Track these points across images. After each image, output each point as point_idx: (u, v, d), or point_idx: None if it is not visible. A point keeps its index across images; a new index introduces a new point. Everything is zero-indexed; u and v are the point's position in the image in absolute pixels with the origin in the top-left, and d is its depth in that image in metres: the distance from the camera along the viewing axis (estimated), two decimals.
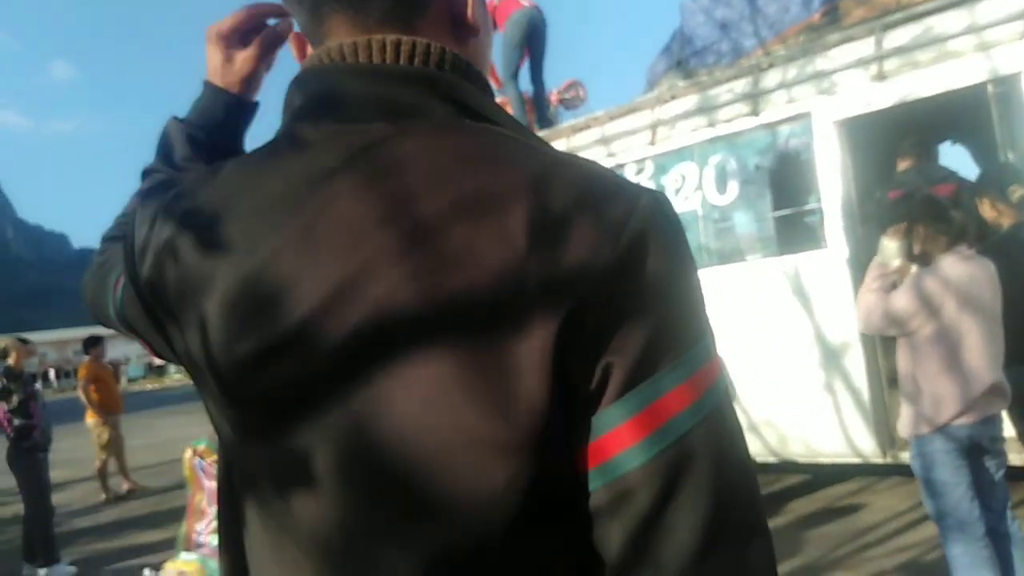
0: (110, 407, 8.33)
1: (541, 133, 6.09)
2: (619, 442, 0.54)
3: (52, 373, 58.57)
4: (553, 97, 7.10)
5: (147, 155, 0.92)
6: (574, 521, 0.55)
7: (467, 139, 0.60)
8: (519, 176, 0.57)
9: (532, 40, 6.30)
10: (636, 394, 0.53)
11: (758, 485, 0.58)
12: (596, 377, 0.53)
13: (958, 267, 2.91)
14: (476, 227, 0.55)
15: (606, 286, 0.53)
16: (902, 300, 2.92)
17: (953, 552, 2.93)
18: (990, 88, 3.92)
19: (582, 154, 5.49)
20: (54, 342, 63.02)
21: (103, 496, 8.32)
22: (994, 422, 2.94)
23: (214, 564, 3.91)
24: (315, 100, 0.64)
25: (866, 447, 4.36)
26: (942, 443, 2.88)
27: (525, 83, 6.52)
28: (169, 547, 4.70)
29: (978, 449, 2.91)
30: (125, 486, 8.57)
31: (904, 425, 3.01)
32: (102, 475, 8.37)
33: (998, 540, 2.91)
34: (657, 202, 0.58)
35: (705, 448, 0.54)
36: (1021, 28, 3.78)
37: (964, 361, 2.86)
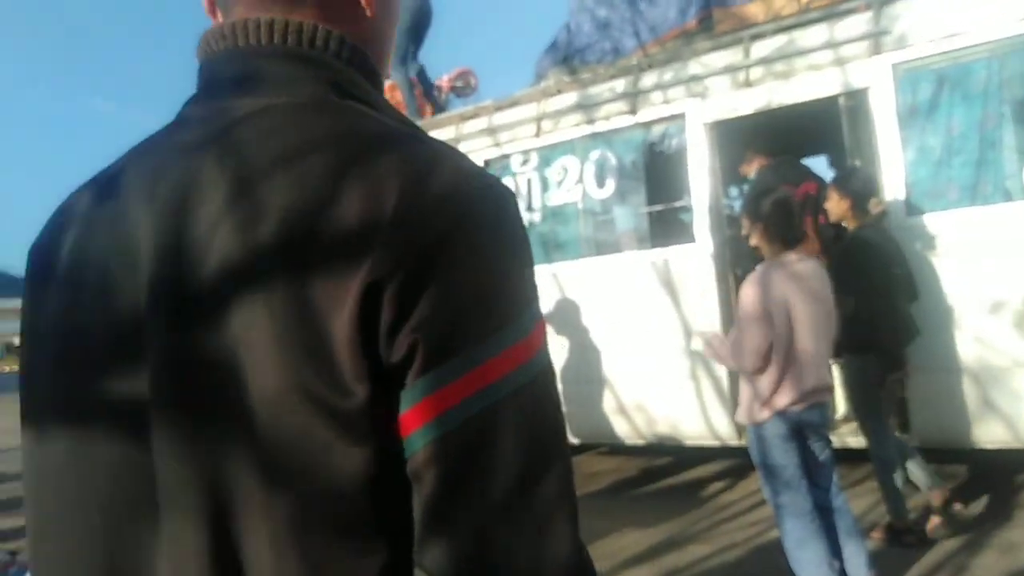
0: None
1: (430, 120, 6.12)
2: (412, 421, 0.55)
3: None
4: (444, 84, 7.13)
5: None
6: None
7: (322, 115, 0.63)
8: (352, 142, 0.59)
9: (420, 26, 6.37)
10: (430, 377, 0.54)
11: (558, 466, 0.58)
12: (402, 351, 0.54)
13: (800, 264, 3.18)
14: (291, 181, 0.57)
15: (409, 257, 0.54)
16: (750, 293, 3.16)
17: (786, 527, 3.21)
18: (842, 100, 4.27)
19: (469, 143, 5.56)
20: None
21: None
22: (823, 409, 3.25)
23: None
24: (201, 83, 0.69)
25: (724, 431, 4.67)
26: (777, 428, 3.16)
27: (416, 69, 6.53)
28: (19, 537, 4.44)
29: (808, 433, 3.21)
30: None
31: (742, 412, 3.26)
32: None
33: (826, 514, 3.21)
34: (485, 187, 0.59)
35: (491, 434, 0.55)
36: (871, 46, 4.14)
37: (801, 353, 3.14)
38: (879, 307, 3.62)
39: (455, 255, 0.55)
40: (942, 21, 4.01)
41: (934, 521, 3.72)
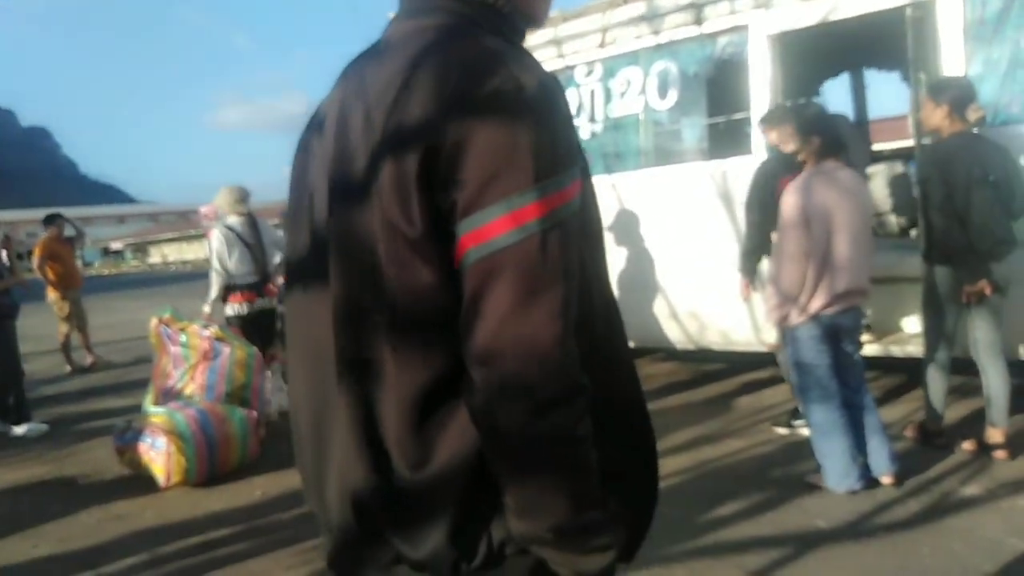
0: (69, 283, 8.46)
1: None
2: (461, 247, 0.81)
3: (3, 255, 57.24)
4: None
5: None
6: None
7: (440, 32, 0.90)
8: (443, 45, 0.87)
9: None
10: (470, 219, 0.80)
11: (554, 299, 0.80)
12: (452, 201, 0.81)
13: (841, 172, 3.31)
14: (398, 72, 0.86)
15: (454, 135, 0.79)
16: (790, 201, 3.31)
17: (814, 419, 3.45)
18: (909, 11, 4.21)
19: (535, 54, 5.70)
20: (6, 222, 61.43)
21: (67, 368, 8.64)
22: (855, 313, 3.41)
23: (180, 416, 4.30)
24: (399, 7, 1.01)
25: (772, 338, 4.87)
26: (811, 331, 3.36)
27: None
28: (132, 412, 5.08)
29: (840, 335, 3.40)
30: (89, 359, 8.89)
31: (774, 313, 3.45)
32: (65, 348, 8.66)
33: (853, 412, 3.44)
34: (526, 83, 0.81)
35: (507, 261, 0.79)
36: None
37: (838, 258, 3.30)
38: (963, 217, 3.51)
39: (489, 133, 0.79)
40: None
41: (999, 455, 3.68)
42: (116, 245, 71.25)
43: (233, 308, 5.50)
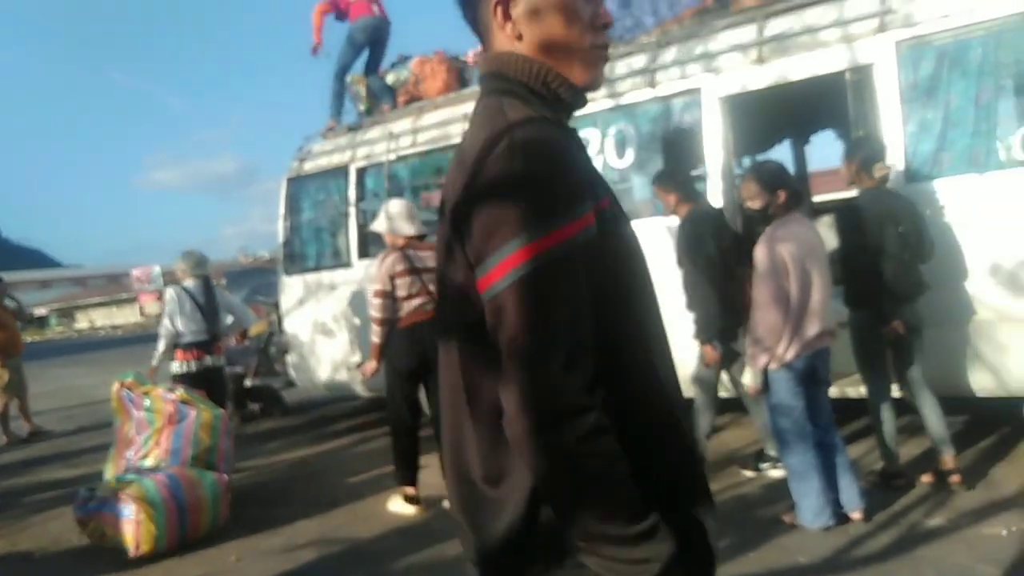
0: (11, 350, 8.16)
1: (457, 94, 6.44)
2: (479, 291, 1.01)
3: None
4: (471, 59, 7.42)
5: None
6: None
7: (480, 104, 1.14)
8: (479, 120, 1.10)
9: (373, 45, 7.26)
10: (480, 268, 1.00)
11: (542, 331, 0.96)
12: (470, 254, 1.02)
13: (803, 223, 3.54)
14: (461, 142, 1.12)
15: (465, 203, 1.02)
16: (762, 251, 3.52)
17: (791, 461, 3.60)
18: (848, 76, 4.56)
19: None
20: None
21: (4, 439, 8.26)
22: (825, 355, 3.61)
23: (149, 482, 4.18)
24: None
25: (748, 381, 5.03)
26: (787, 373, 3.53)
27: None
28: (83, 482, 4.91)
29: (812, 377, 3.58)
30: (27, 428, 8.51)
31: (755, 361, 3.62)
32: (3, 418, 8.29)
33: (824, 451, 3.60)
34: (510, 146, 1.00)
35: (505, 302, 0.97)
36: (876, 24, 4.43)
37: (810, 303, 3.50)
38: (875, 265, 3.84)
39: (486, 197, 1.00)
40: (942, 1, 4.29)
41: (954, 479, 3.89)
42: (40, 311, 68.41)
43: (180, 365, 5.59)
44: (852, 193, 4.28)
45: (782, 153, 9.54)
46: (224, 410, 5.35)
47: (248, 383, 7.99)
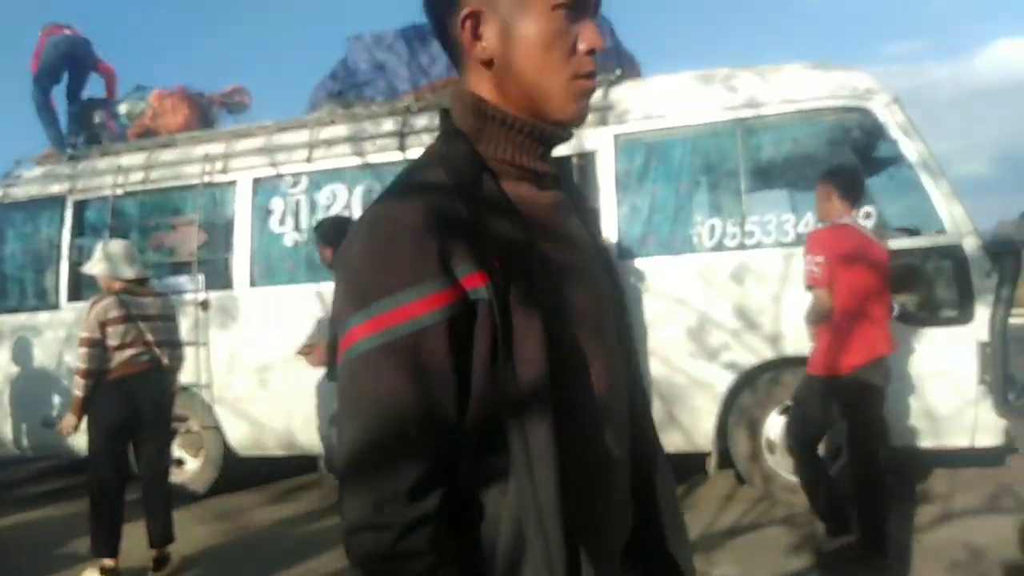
0: None
1: (199, 134, 6.15)
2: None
3: None
4: (216, 99, 7.14)
5: None
6: None
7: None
8: None
9: (71, 64, 6.76)
10: (340, 335, 0.88)
11: (364, 419, 0.84)
12: None
13: None
14: None
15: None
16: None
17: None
18: (574, 160, 5.05)
19: (242, 160, 5.67)
20: None
21: None
22: None
23: None
24: None
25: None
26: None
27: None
28: None
29: None
30: None
31: None
32: None
33: None
34: (361, 220, 0.92)
35: (342, 379, 0.88)
36: (599, 117, 4.97)
37: None
38: None
39: (340, 263, 0.91)
40: (654, 105, 4.96)
41: None
42: None
43: None
44: None
45: None
46: None
47: None
